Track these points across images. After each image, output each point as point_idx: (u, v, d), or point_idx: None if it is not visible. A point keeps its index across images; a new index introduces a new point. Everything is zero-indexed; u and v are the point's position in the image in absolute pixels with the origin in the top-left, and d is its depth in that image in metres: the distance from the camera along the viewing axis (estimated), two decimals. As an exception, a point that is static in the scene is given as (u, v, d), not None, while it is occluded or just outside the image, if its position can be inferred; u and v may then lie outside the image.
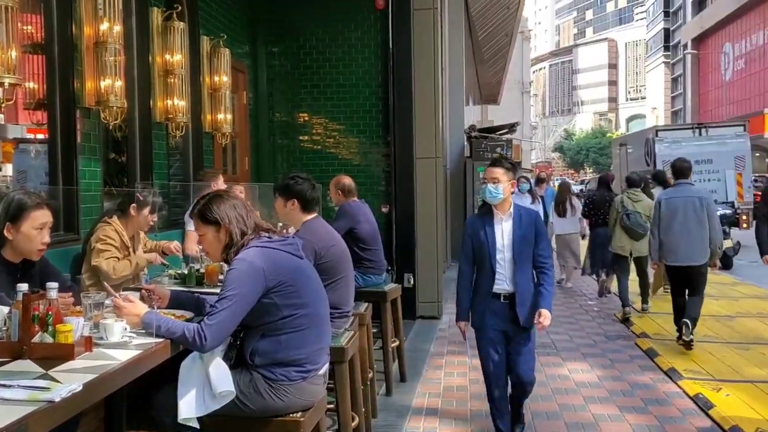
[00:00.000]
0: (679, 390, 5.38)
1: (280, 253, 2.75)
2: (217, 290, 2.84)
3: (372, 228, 5.36)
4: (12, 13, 3.79)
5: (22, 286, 2.41)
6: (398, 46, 8.08)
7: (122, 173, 5.73)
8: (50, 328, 2.36)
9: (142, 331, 2.61)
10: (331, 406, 3.55)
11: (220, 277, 3.74)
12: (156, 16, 5.94)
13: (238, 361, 2.76)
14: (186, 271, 4.08)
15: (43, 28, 4.62)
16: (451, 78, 12.85)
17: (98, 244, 4.14)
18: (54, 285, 2.45)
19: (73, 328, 2.36)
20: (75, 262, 4.38)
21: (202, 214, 2.81)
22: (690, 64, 58.87)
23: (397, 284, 6.00)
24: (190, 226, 5.07)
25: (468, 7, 15.90)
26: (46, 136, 4.71)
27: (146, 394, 2.77)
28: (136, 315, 2.66)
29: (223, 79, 7.01)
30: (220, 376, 2.61)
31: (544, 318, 4.00)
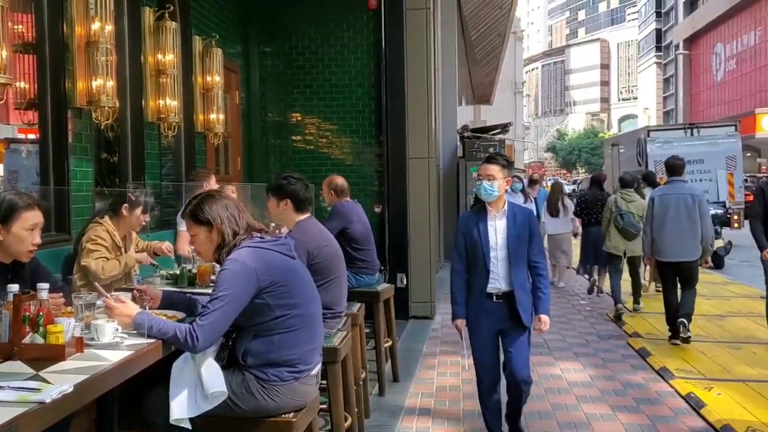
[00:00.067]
0: (671, 389, 5.39)
1: (273, 254, 2.74)
2: (209, 291, 2.83)
3: (365, 228, 5.36)
4: (2, 12, 3.76)
5: (13, 287, 2.40)
6: (391, 46, 8.08)
7: (114, 173, 5.71)
8: (41, 329, 2.35)
9: (134, 332, 2.60)
10: (324, 406, 3.55)
11: (212, 278, 3.73)
12: (148, 15, 5.92)
13: (230, 362, 2.75)
14: (178, 272, 4.07)
15: (34, 28, 4.60)
16: (444, 78, 12.85)
17: (88, 244, 4.13)
18: (45, 286, 2.44)
19: (64, 329, 2.35)
20: (66, 262, 4.36)
21: (194, 215, 2.80)
22: (682, 65, 59.21)
23: (389, 284, 6.01)
24: (182, 227, 5.05)
25: (461, 7, 15.91)
26: (38, 136, 4.68)
27: (138, 395, 2.76)
28: (127, 315, 2.64)
29: (216, 79, 6.99)
30: (212, 377, 2.60)
31: (544, 324, 4.00)
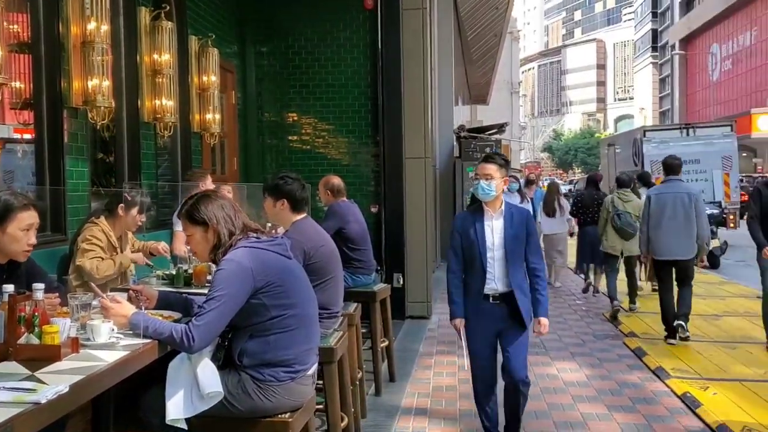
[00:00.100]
0: (666, 389, 5.40)
1: (269, 254, 2.74)
2: (205, 291, 2.83)
3: (361, 228, 5.36)
4: (-2, 12, 3.76)
5: (8, 287, 2.39)
6: (387, 46, 8.08)
7: (110, 173, 5.71)
8: (36, 329, 2.35)
9: (130, 332, 2.60)
10: (320, 406, 3.55)
11: (208, 278, 3.73)
12: (144, 15, 5.92)
13: (226, 362, 2.75)
14: (174, 272, 4.07)
15: (29, 27, 4.59)
16: (441, 78, 12.86)
17: (84, 244, 4.12)
18: (40, 286, 2.44)
19: (60, 329, 2.35)
20: (62, 262, 4.36)
21: (190, 215, 2.80)
22: (678, 65, 59.34)
23: (386, 284, 5.99)
24: (178, 227, 5.05)
25: (457, 8, 15.92)
26: (33, 136, 4.67)
27: (134, 395, 2.76)
28: (123, 316, 2.64)
29: (212, 79, 6.98)
30: (208, 377, 2.60)
31: (543, 327, 4.00)
